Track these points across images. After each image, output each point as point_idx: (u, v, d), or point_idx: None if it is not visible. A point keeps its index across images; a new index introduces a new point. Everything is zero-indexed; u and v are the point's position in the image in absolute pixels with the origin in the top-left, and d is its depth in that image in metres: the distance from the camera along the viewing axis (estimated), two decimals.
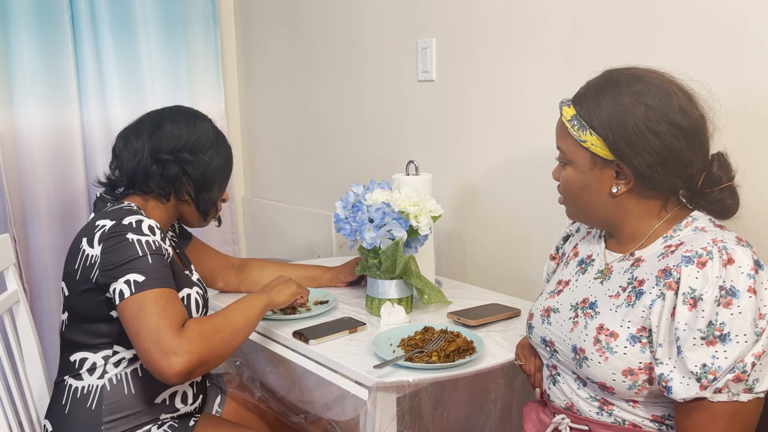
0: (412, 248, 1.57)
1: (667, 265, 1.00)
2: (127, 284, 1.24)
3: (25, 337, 1.52)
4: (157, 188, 1.42)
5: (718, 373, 0.93)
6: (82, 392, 1.34)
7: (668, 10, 1.38)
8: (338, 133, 2.31)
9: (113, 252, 1.27)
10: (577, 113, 1.08)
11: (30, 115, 2.20)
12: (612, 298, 1.08)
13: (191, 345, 1.19)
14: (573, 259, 1.23)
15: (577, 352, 1.08)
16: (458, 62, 1.85)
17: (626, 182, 1.06)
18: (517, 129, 1.73)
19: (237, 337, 1.31)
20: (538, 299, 1.25)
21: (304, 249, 2.46)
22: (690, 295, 0.95)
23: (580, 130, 1.07)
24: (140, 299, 1.23)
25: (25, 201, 2.23)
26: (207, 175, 1.45)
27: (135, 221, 1.30)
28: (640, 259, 1.08)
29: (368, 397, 1.24)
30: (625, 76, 1.05)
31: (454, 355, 1.29)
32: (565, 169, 1.12)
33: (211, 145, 1.46)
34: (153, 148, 1.42)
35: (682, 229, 1.06)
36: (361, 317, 1.55)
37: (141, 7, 2.36)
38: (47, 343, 2.24)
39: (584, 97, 1.08)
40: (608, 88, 1.05)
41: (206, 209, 1.49)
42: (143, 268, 1.25)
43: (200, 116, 1.50)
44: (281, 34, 2.48)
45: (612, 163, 1.06)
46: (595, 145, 1.05)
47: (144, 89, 2.39)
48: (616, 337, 1.03)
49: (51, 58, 2.20)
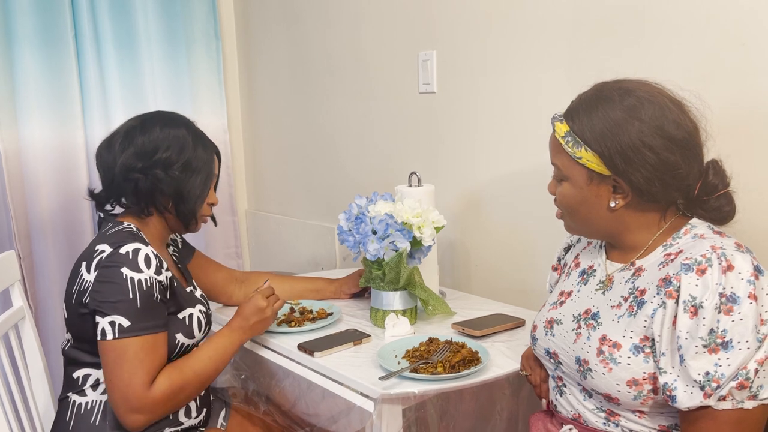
0: (416, 259, 1.57)
1: (668, 273, 1.00)
2: (111, 326, 1.26)
3: (31, 353, 1.52)
4: (132, 204, 1.41)
5: (721, 380, 0.92)
6: (86, 408, 1.34)
7: (665, 20, 1.38)
8: (340, 146, 2.32)
9: (105, 284, 1.28)
10: (570, 129, 1.07)
11: (34, 133, 2.21)
12: (614, 309, 1.07)
13: (155, 406, 1.27)
14: (574, 270, 1.22)
15: (581, 364, 1.08)
16: (459, 74, 1.86)
17: (624, 196, 1.06)
18: (518, 139, 1.74)
19: (204, 386, 1.38)
20: (540, 311, 1.25)
21: (308, 262, 2.46)
22: (691, 303, 0.95)
23: (575, 146, 1.06)
24: (121, 347, 1.26)
25: (30, 218, 2.24)
26: (181, 188, 1.41)
27: (132, 251, 1.29)
28: (641, 268, 1.07)
29: (374, 409, 1.24)
30: (617, 91, 1.05)
31: (459, 365, 1.29)
32: (561, 185, 1.12)
33: (185, 156, 1.41)
34: (123, 165, 1.38)
35: (681, 237, 1.05)
36: (366, 329, 1.55)
37: (144, 25, 2.38)
38: (52, 359, 2.24)
39: (576, 113, 1.07)
40: (600, 103, 1.05)
41: (186, 220, 1.45)
42: (130, 312, 1.26)
43: (175, 122, 1.45)
44: (283, 49, 2.49)
45: (609, 178, 1.05)
46: (591, 161, 1.05)
47: (147, 106, 2.40)
48: (619, 348, 1.02)
49: (55, 76, 2.22)
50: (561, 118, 1.10)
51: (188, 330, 1.39)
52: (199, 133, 1.48)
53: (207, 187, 1.46)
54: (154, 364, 1.27)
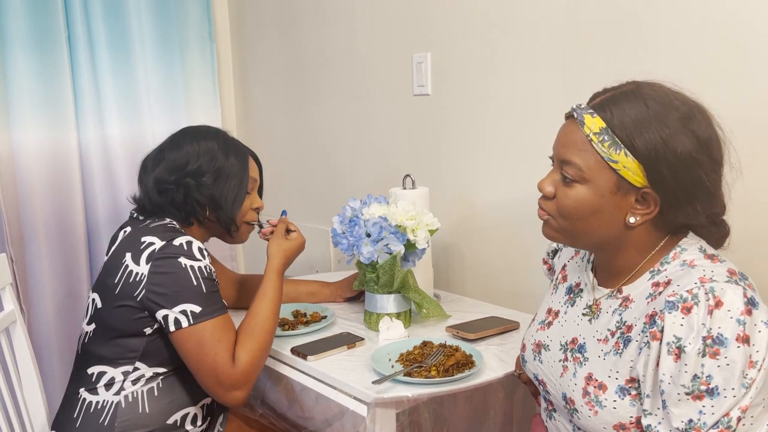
0: (410, 262, 1.57)
1: (654, 309, 0.93)
2: (183, 314, 1.28)
3: (22, 357, 1.51)
4: (172, 216, 1.44)
5: (703, 429, 0.87)
6: (96, 407, 1.34)
7: (661, 23, 1.38)
8: (335, 149, 2.32)
9: (165, 276, 1.29)
10: (608, 127, 0.94)
11: (27, 135, 2.20)
12: (600, 343, 1.01)
13: (246, 376, 1.30)
14: (562, 284, 1.16)
15: (567, 402, 1.03)
16: (453, 76, 1.86)
17: (647, 213, 0.95)
18: (512, 141, 1.74)
19: (273, 335, 1.38)
20: (530, 327, 1.20)
21: (303, 264, 2.45)
22: (675, 344, 0.88)
23: (613, 147, 0.93)
24: (198, 332, 1.28)
25: (23, 221, 2.23)
26: (215, 196, 1.45)
27: (185, 242, 1.32)
28: (628, 298, 1.00)
29: (367, 413, 1.23)
30: (673, 96, 0.95)
31: (453, 369, 1.28)
32: (572, 187, 0.98)
33: (215, 166, 1.44)
34: (156, 180, 1.43)
35: (669, 262, 0.97)
36: (360, 332, 1.55)
37: (137, 27, 2.37)
38: (44, 363, 2.23)
39: (618, 111, 0.94)
40: (654, 108, 0.92)
41: (227, 226, 1.49)
42: (199, 298, 1.29)
43: (205, 135, 1.49)
44: (277, 52, 2.49)
45: (638, 191, 0.94)
46: (628, 168, 0.93)
47: (141, 109, 2.40)
48: (605, 390, 0.97)
49: (48, 79, 2.21)
50: (592, 111, 0.96)
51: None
52: (230, 140, 1.51)
53: (242, 192, 1.49)
54: (231, 341, 1.31)
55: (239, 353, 1.30)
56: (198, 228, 1.49)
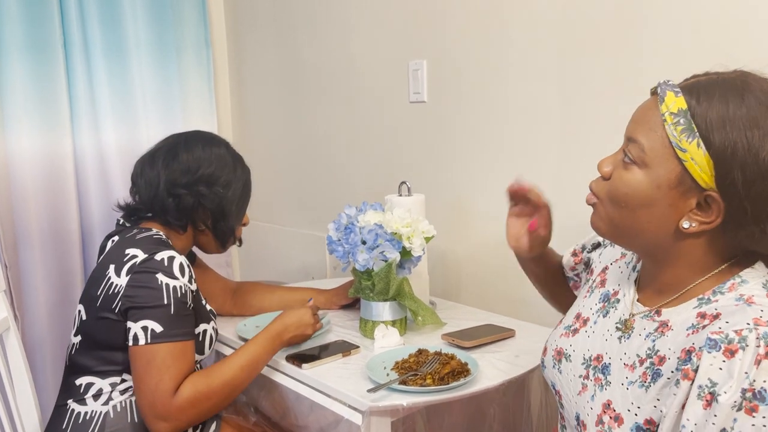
0: (406, 269, 1.56)
1: (692, 345, 0.80)
2: (144, 331, 1.26)
3: (15, 364, 1.50)
4: (174, 220, 1.43)
5: None
6: (84, 417, 1.33)
7: (660, 30, 1.39)
8: (331, 155, 2.31)
9: (139, 289, 1.28)
10: (689, 109, 0.81)
11: (22, 141, 2.19)
12: (626, 369, 0.89)
13: (179, 413, 1.25)
14: (598, 289, 1.04)
15: (579, 424, 0.95)
16: (449, 83, 1.86)
17: (707, 222, 0.83)
18: (508, 148, 1.74)
19: (234, 395, 1.33)
20: (555, 330, 1.09)
21: (298, 271, 2.45)
22: (708, 389, 0.75)
23: (686, 134, 0.81)
24: (151, 352, 1.25)
25: (17, 227, 2.22)
26: (223, 205, 1.45)
27: (167, 258, 1.30)
28: (666, 324, 0.87)
29: (362, 422, 1.22)
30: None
31: (448, 377, 1.28)
32: (629, 169, 0.86)
33: (227, 174, 1.46)
34: (168, 180, 1.42)
35: (723, 293, 0.84)
36: (355, 340, 1.54)
37: (133, 33, 2.37)
38: (38, 370, 2.22)
39: (708, 95, 0.81)
40: (751, 104, 0.80)
41: (224, 238, 1.49)
42: (163, 317, 1.27)
43: (216, 142, 1.50)
44: (273, 57, 2.49)
45: (701, 193, 0.82)
46: (696, 162, 0.80)
47: (137, 114, 2.39)
48: (620, 424, 0.87)
49: (43, 84, 2.20)
50: (678, 90, 0.83)
51: (200, 346, 1.40)
52: (236, 153, 1.53)
53: (245, 206, 1.52)
54: (182, 371, 1.26)
55: (184, 387, 1.26)
56: (188, 236, 1.48)
